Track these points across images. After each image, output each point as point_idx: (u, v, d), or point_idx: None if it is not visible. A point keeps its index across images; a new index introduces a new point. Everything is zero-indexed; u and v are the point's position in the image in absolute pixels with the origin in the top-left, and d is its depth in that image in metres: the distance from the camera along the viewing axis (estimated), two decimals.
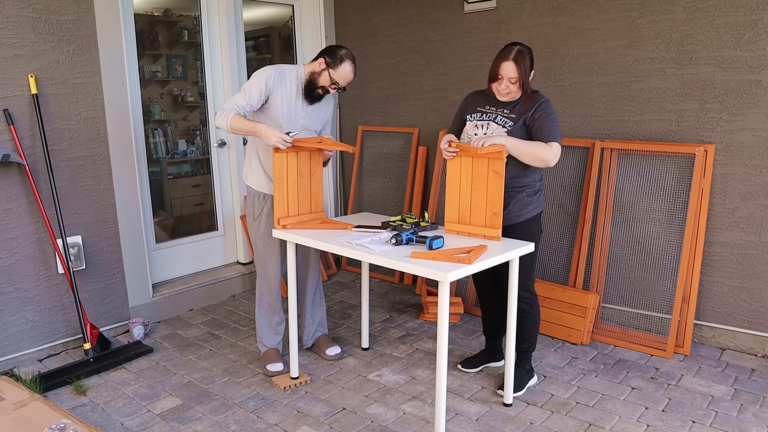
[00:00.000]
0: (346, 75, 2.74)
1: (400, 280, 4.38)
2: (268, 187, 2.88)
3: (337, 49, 2.74)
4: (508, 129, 2.54)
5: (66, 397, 2.80)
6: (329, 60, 2.72)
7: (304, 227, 2.75)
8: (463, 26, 3.92)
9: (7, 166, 2.98)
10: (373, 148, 4.62)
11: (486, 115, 2.63)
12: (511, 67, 2.48)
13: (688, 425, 2.49)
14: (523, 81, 2.50)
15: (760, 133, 2.94)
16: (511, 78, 2.50)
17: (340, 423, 2.56)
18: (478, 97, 2.71)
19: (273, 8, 4.49)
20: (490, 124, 2.59)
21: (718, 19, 2.97)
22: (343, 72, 2.73)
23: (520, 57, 2.48)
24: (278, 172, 2.65)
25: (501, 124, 2.57)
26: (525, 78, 2.49)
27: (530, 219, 2.63)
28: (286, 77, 2.76)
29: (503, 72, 2.50)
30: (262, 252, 2.93)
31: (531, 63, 2.53)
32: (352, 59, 2.75)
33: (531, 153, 2.47)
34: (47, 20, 3.03)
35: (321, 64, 2.74)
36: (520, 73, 2.48)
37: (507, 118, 2.57)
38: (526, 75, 2.49)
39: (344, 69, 2.72)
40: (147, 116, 3.81)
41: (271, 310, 3.02)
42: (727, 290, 3.13)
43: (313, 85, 2.76)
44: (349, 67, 2.73)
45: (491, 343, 3.01)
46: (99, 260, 3.37)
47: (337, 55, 2.71)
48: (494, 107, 2.62)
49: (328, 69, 2.72)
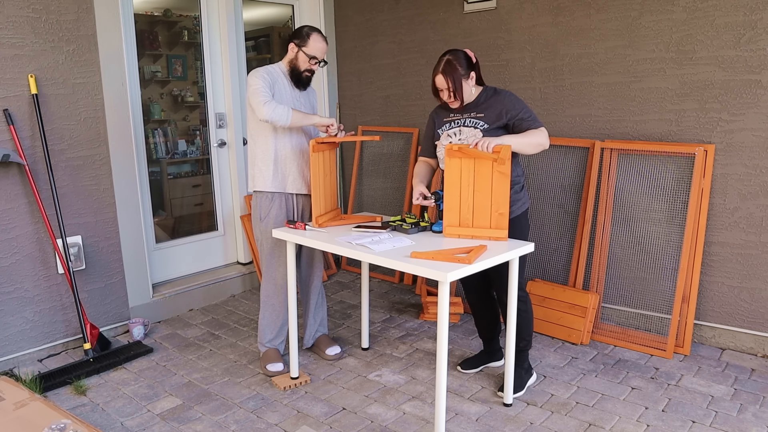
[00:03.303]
0: (318, 46, 2.81)
1: (400, 280, 4.38)
2: (276, 185, 2.87)
3: (301, 29, 2.83)
4: (481, 129, 2.57)
5: (66, 397, 2.80)
6: (297, 41, 2.81)
7: (335, 224, 2.83)
8: (463, 26, 3.92)
9: (7, 166, 2.98)
10: (373, 148, 4.62)
11: (454, 123, 2.66)
12: (441, 79, 2.54)
13: (688, 425, 2.49)
14: (453, 89, 2.53)
15: (760, 133, 2.94)
16: (446, 89, 2.55)
17: (340, 423, 2.56)
18: (440, 110, 2.75)
19: (273, 8, 4.49)
20: (462, 129, 2.63)
21: (718, 19, 2.97)
22: (314, 44, 2.80)
23: (447, 68, 2.52)
24: (315, 171, 2.72)
25: (472, 125, 2.59)
26: (456, 86, 2.52)
27: (520, 215, 2.65)
28: (274, 75, 2.82)
29: (438, 85, 2.57)
30: (269, 254, 2.93)
31: (466, 66, 2.54)
32: (318, 30, 2.83)
33: (532, 143, 2.50)
34: (47, 20, 3.03)
35: (293, 48, 2.82)
36: (449, 84, 2.52)
37: (476, 119, 2.60)
38: (456, 83, 2.51)
39: (314, 41, 2.80)
40: (147, 116, 3.81)
41: (276, 312, 3.02)
42: (727, 290, 3.13)
43: (296, 71, 2.84)
44: (318, 38, 2.81)
45: (489, 344, 3.02)
46: (99, 260, 3.37)
47: (303, 32, 2.81)
48: (458, 113, 2.66)
49: (300, 49, 2.80)
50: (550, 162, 3.63)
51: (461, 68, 2.52)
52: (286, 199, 2.91)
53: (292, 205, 2.94)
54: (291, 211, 2.94)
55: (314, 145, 2.67)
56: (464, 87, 2.56)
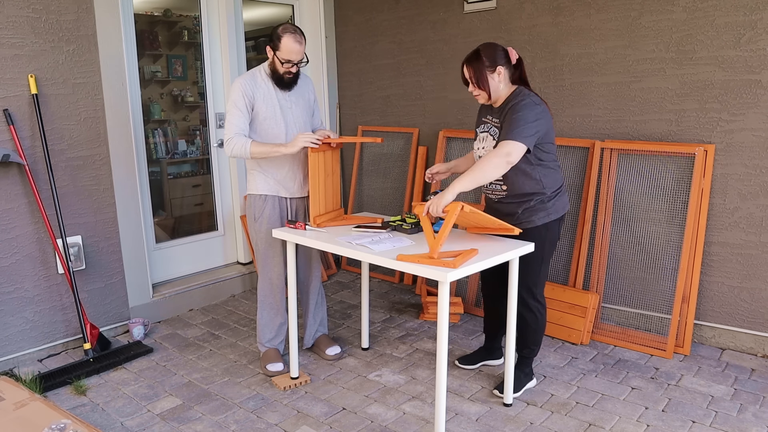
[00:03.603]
0: (290, 47, 2.69)
1: (400, 280, 4.38)
2: (268, 188, 2.88)
3: (274, 30, 2.72)
4: (494, 137, 2.53)
5: (66, 397, 2.80)
6: (271, 45, 2.73)
7: (334, 224, 2.82)
8: (463, 26, 3.92)
9: (7, 166, 2.98)
10: (373, 148, 4.62)
11: (486, 127, 2.62)
12: (465, 69, 2.55)
13: (688, 425, 2.49)
14: (476, 80, 2.50)
15: (760, 133, 2.94)
16: (469, 78, 2.54)
17: (340, 423, 2.56)
18: (483, 108, 2.70)
19: (273, 8, 4.49)
20: (487, 136, 2.58)
21: (718, 19, 2.97)
22: (286, 47, 2.69)
23: (472, 57, 2.51)
24: (313, 172, 2.70)
25: (493, 135, 2.54)
26: (478, 76, 2.49)
27: (542, 226, 2.56)
28: (257, 80, 2.78)
29: (465, 74, 2.57)
30: (264, 253, 2.93)
31: (492, 59, 2.48)
32: (292, 30, 2.70)
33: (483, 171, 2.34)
34: (47, 20, 3.03)
35: (269, 51, 2.76)
36: (470, 74, 2.51)
37: (496, 127, 2.55)
38: (478, 73, 2.48)
39: (285, 44, 2.69)
40: (147, 116, 3.81)
41: (273, 311, 3.02)
42: (727, 290, 3.13)
43: (276, 74, 2.78)
44: (289, 40, 2.68)
45: (490, 342, 3.01)
46: (99, 260, 3.37)
47: (276, 35, 2.71)
48: (490, 116, 2.61)
49: (275, 53, 2.73)
50: None
51: (487, 60, 2.47)
52: (279, 200, 2.91)
53: (286, 206, 2.95)
54: (285, 211, 2.95)
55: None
56: (489, 80, 2.49)
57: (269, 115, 2.78)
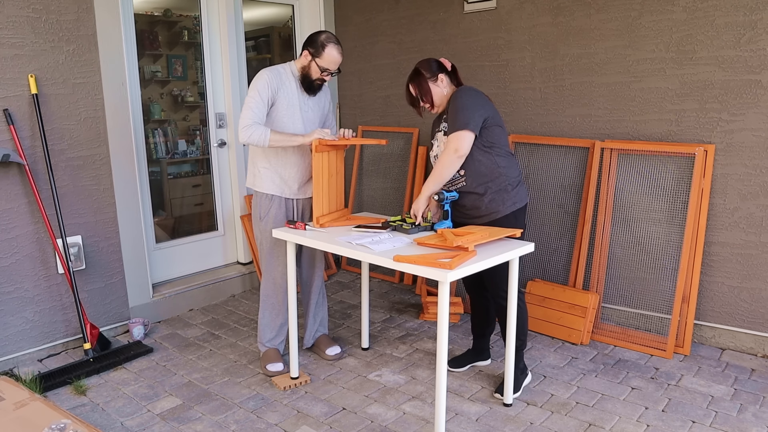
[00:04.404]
0: (332, 59, 2.75)
1: (400, 280, 4.38)
2: (279, 189, 2.88)
3: (317, 36, 2.75)
4: (444, 131, 2.64)
5: (66, 397, 2.80)
6: (312, 50, 2.75)
7: (338, 224, 2.81)
8: (463, 26, 3.92)
9: (7, 166, 2.98)
10: (374, 148, 4.62)
11: (437, 131, 2.73)
12: (411, 88, 2.69)
13: (688, 425, 2.49)
14: (419, 95, 2.66)
15: (760, 133, 2.94)
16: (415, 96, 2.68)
17: (340, 423, 2.56)
18: (435, 121, 2.81)
19: (273, 8, 4.49)
20: (438, 136, 2.69)
21: (718, 19, 2.97)
22: (329, 57, 2.74)
23: (413, 75, 2.68)
24: (317, 172, 2.71)
25: (444, 130, 2.65)
26: (421, 92, 2.65)
27: (510, 215, 2.62)
28: (282, 77, 2.78)
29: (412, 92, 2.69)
30: (269, 253, 2.93)
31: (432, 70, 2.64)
32: (335, 41, 2.76)
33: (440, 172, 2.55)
34: (47, 20, 3.03)
35: (306, 56, 2.77)
36: (415, 89, 2.66)
37: (444, 122, 2.67)
38: (420, 88, 2.64)
39: (329, 54, 2.74)
40: (147, 116, 3.81)
41: (275, 311, 3.02)
42: (727, 290, 3.13)
43: (308, 78, 2.79)
44: (333, 50, 2.74)
45: (478, 342, 3.02)
46: (99, 260, 3.37)
47: (318, 43, 2.73)
48: (440, 121, 2.73)
49: (314, 59, 2.75)
50: (550, 162, 3.63)
51: (427, 72, 2.63)
52: (285, 200, 2.91)
53: (292, 206, 2.95)
54: (291, 211, 2.95)
55: (317, 145, 2.67)
56: (432, 89, 2.65)
57: (288, 113, 2.78)
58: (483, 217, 2.62)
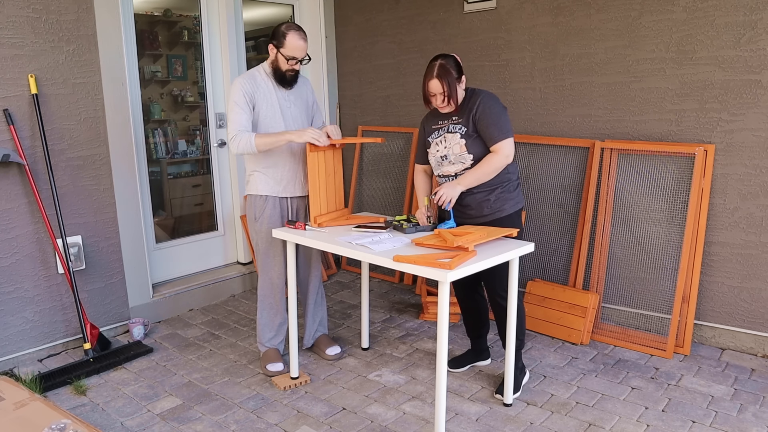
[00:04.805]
0: (295, 44, 2.74)
1: (400, 280, 4.38)
2: (269, 189, 2.88)
3: (278, 28, 2.76)
4: (461, 133, 2.60)
5: (66, 397, 2.80)
6: (275, 42, 2.76)
7: (335, 224, 2.81)
8: (463, 26, 3.92)
9: (7, 166, 2.98)
10: (374, 148, 4.62)
11: (440, 131, 2.70)
12: (436, 84, 2.55)
13: (688, 425, 2.49)
14: (448, 94, 2.55)
15: (760, 133, 2.94)
16: (440, 93, 2.56)
17: (340, 423, 2.56)
18: (430, 117, 2.78)
19: (273, 8, 4.49)
20: (446, 135, 2.66)
21: (718, 19, 2.97)
22: (291, 44, 2.73)
23: (442, 72, 2.54)
24: (312, 172, 2.70)
25: (453, 131, 2.63)
26: (451, 90, 2.55)
27: (513, 214, 2.66)
28: (257, 79, 2.80)
29: (432, 89, 2.58)
30: (264, 253, 2.93)
31: (458, 71, 2.59)
32: (296, 28, 2.75)
33: (487, 172, 2.55)
34: (47, 20, 3.03)
35: (272, 50, 2.78)
36: (444, 88, 2.54)
37: (456, 123, 2.64)
38: (451, 87, 2.54)
39: (291, 41, 2.73)
40: (147, 116, 3.81)
41: (273, 311, 3.02)
42: (727, 290, 3.12)
43: (278, 71, 2.80)
44: (294, 37, 2.73)
45: (476, 343, 3.02)
46: (99, 260, 3.37)
47: (279, 33, 2.74)
48: (444, 119, 2.69)
49: (278, 50, 2.76)
50: (550, 162, 3.63)
51: (455, 71, 2.57)
52: (279, 200, 2.91)
53: (287, 205, 2.95)
54: (285, 211, 2.95)
55: (311, 145, 2.67)
56: (458, 91, 2.61)
57: (269, 114, 2.80)
58: (486, 217, 2.64)
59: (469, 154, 2.59)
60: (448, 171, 2.67)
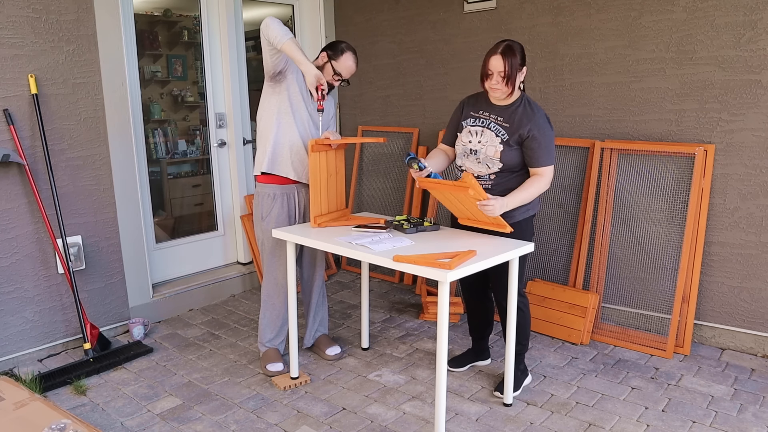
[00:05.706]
0: (348, 65, 2.82)
1: (400, 280, 4.38)
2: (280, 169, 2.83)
3: (339, 43, 2.84)
4: (501, 138, 2.52)
5: (66, 397, 2.80)
6: (331, 53, 2.82)
7: (336, 224, 2.80)
8: (463, 26, 3.92)
9: (7, 166, 2.98)
10: (373, 148, 4.62)
11: (480, 121, 2.60)
12: (499, 60, 2.43)
13: (688, 425, 2.49)
14: (508, 75, 2.44)
15: (760, 133, 2.94)
16: (500, 72, 2.44)
17: (340, 423, 2.56)
18: (473, 100, 2.68)
19: (273, 8, 4.49)
20: (485, 131, 2.57)
21: (718, 19, 2.97)
22: (345, 63, 2.81)
23: (508, 51, 2.44)
24: (314, 171, 2.70)
25: (495, 131, 2.55)
26: (512, 72, 2.43)
27: (522, 221, 2.61)
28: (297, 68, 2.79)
29: (492, 66, 2.46)
30: (270, 253, 2.93)
31: (522, 59, 2.48)
32: (354, 51, 2.84)
33: (532, 195, 2.51)
34: (47, 20, 3.03)
35: (323, 57, 2.83)
36: (506, 67, 2.42)
37: (501, 126, 2.55)
38: (513, 69, 2.43)
39: (346, 60, 2.81)
40: (147, 116, 3.81)
41: (276, 311, 3.01)
42: (727, 290, 3.13)
43: None
44: (350, 58, 2.81)
45: (477, 343, 3.02)
46: (99, 260, 3.37)
47: (339, 48, 2.82)
48: (488, 112, 2.60)
49: (330, 61, 2.81)
50: None
51: (520, 58, 2.47)
52: (288, 198, 2.90)
53: (294, 203, 2.94)
54: (293, 210, 2.94)
55: (313, 145, 2.67)
56: (518, 77, 2.49)
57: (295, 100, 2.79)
58: None
59: (500, 162, 2.53)
60: (471, 168, 2.60)
